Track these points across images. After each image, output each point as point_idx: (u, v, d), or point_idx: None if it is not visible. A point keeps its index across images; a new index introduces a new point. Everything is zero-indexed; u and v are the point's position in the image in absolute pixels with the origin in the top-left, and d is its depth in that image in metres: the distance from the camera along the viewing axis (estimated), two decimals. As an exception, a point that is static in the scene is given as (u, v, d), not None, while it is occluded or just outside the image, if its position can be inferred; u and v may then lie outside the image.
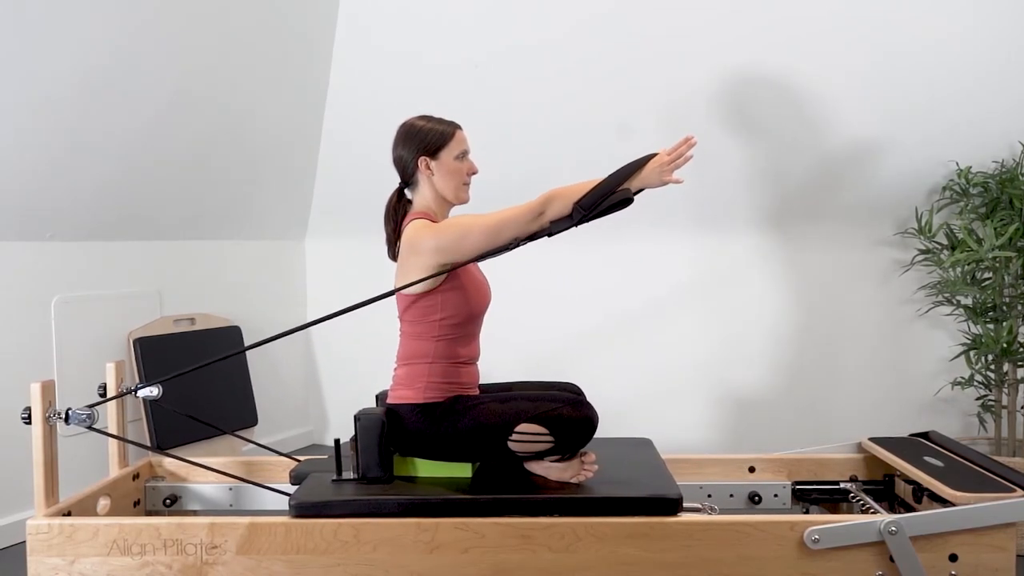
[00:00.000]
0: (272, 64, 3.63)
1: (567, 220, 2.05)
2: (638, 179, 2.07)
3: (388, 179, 2.34)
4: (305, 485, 2.13)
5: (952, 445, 2.41)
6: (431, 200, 2.20)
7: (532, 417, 2.05)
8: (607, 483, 2.09)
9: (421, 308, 2.12)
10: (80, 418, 2.03)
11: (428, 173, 2.17)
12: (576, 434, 2.06)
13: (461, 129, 2.21)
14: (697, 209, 3.67)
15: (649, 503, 1.98)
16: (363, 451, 2.11)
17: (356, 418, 2.11)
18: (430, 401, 2.11)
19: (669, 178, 2.07)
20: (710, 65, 3.38)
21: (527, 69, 3.60)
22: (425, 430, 2.10)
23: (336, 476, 2.16)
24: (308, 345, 4.41)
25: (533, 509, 1.99)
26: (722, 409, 3.70)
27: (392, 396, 2.17)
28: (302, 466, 2.35)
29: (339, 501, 2.00)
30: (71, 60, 2.85)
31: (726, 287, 3.69)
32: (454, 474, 2.15)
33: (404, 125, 2.22)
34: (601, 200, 2.02)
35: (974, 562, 1.92)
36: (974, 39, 3.07)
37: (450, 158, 2.17)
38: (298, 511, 1.99)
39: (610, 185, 2.03)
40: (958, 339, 3.38)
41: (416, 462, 2.18)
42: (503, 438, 2.06)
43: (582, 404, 2.08)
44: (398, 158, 2.21)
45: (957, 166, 3.24)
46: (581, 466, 2.11)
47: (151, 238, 3.53)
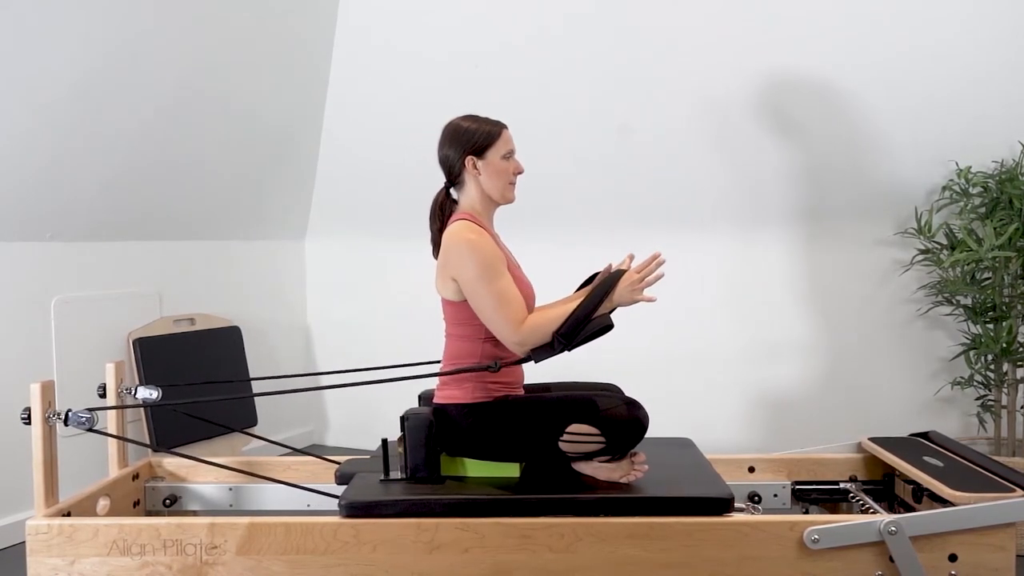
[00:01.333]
0: (272, 64, 3.63)
1: (548, 349, 2.07)
2: (611, 301, 2.07)
3: (388, 179, 2.34)
4: (353, 485, 2.12)
5: (952, 445, 2.41)
6: (477, 200, 2.19)
7: (584, 417, 2.05)
8: (656, 483, 2.08)
9: (467, 311, 2.12)
10: (79, 420, 2.03)
11: (475, 173, 2.17)
12: (627, 434, 2.05)
13: (507, 128, 2.21)
14: (697, 209, 3.67)
15: (700, 503, 1.98)
16: (411, 451, 2.11)
17: (404, 418, 2.11)
18: (478, 401, 2.11)
19: (640, 296, 2.08)
20: (711, 65, 3.38)
21: (527, 69, 3.60)
22: (474, 430, 2.09)
23: (384, 476, 2.16)
24: (308, 345, 4.41)
25: (585, 509, 1.99)
26: (722, 409, 3.70)
27: (439, 396, 2.16)
28: (346, 466, 2.34)
29: (389, 501, 2.00)
30: (71, 60, 2.85)
31: (725, 288, 3.69)
32: (501, 474, 2.15)
33: (450, 125, 2.21)
34: (580, 328, 2.04)
35: (974, 562, 1.92)
36: (974, 39, 3.07)
37: (497, 157, 2.17)
38: (348, 511, 1.98)
39: (585, 310, 2.04)
40: (958, 339, 3.38)
41: (464, 462, 2.17)
42: (554, 438, 2.06)
43: (634, 405, 2.08)
44: (444, 158, 2.20)
45: (957, 166, 3.24)
46: (631, 466, 2.11)
47: (151, 238, 3.53)
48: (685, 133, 3.53)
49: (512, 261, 2.20)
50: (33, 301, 3.07)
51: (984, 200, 3.12)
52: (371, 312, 4.30)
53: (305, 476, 2.53)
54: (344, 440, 4.37)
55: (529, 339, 2.05)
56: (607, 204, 3.77)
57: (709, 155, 3.54)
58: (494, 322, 2.05)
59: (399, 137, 3.92)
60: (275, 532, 1.96)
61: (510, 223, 3.43)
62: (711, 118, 3.47)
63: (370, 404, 4.25)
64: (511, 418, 2.08)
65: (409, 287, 4.19)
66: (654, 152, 3.60)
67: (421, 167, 3.98)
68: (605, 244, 3.81)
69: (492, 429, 2.09)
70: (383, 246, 4.25)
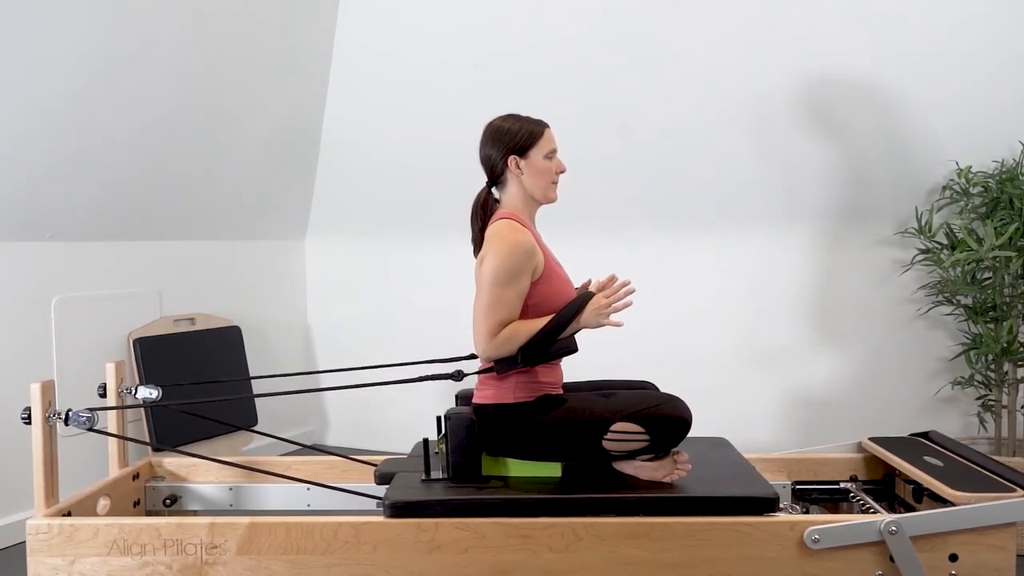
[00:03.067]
0: (272, 65, 3.63)
1: (512, 363, 2.08)
2: (578, 322, 2.09)
3: (388, 179, 2.34)
4: (395, 485, 2.11)
5: (952, 445, 2.41)
6: (519, 199, 2.19)
7: (628, 415, 2.04)
8: (699, 483, 2.07)
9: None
10: (80, 420, 2.03)
11: (518, 172, 2.16)
12: (671, 433, 2.05)
13: (549, 128, 2.20)
14: (695, 209, 3.67)
15: (745, 503, 1.97)
16: (453, 451, 2.10)
17: (446, 417, 2.11)
18: (520, 400, 2.10)
19: (607, 321, 2.08)
20: (711, 66, 3.38)
21: (526, 69, 3.60)
22: (516, 429, 2.09)
23: (425, 476, 2.15)
24: (308, 345, 4.41)
25: (630, 508, 1.98)
26: (722, 409, 3.70)
27: (479, 396, 2.15)
28: (384, 466, 2.33)
29: (433, 501, 1.99)
30: (71, 60, 2.85)
31: (725, 287, 3.69)
32: (542, 473, 2.14)
33: (492, 125, 2.19)
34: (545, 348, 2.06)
35: (974, 562, 1.92)
36: (974, 39, 3.07)
37: (539, 157, 2.16)
38: (392, 511, 1.98)
39: (552, 330, 2.06)
40: (958, 339, 3.38)
41: (505, 461, 2.16)
42: (597, 436, 2.05)
43: (677, 402, 2.07)
44: (486, 157, 2.19)
45: (957, 166, 3.24)
46: (674, 465, 2.10)
47: (151, 238, 3.53)
48: (687, 134, 3.53)
49: (553, 259, 2.19)
50: (33, 301, 3.07)
51: (984, 200, 3.12)
52: (371, 312, 4.30)
53: (305, 476, 2.53)
54: (344, 440, 4.37)
55: (496, 352, 2.06)
56: (610, 205, 3.77)
57: (710, 156, 3.54)
58: (477, 322, 2.06)
59: (399, 137, 3.92)
60: (275, 532, 1.96)
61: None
62: (713, 119, 3.47)
63: (370, 404, 4.25)
64: (554, 417, 2.07)
65: (409, 287, 4.19)
66: (656, 153, 3.60)
67: (421, 167, 3.98)
68: (608, 245, 3.81)
69: (534, 428, 2.07)
70: (383, 246, 4.25)
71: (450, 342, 3.86)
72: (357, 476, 2.52)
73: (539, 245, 2.14)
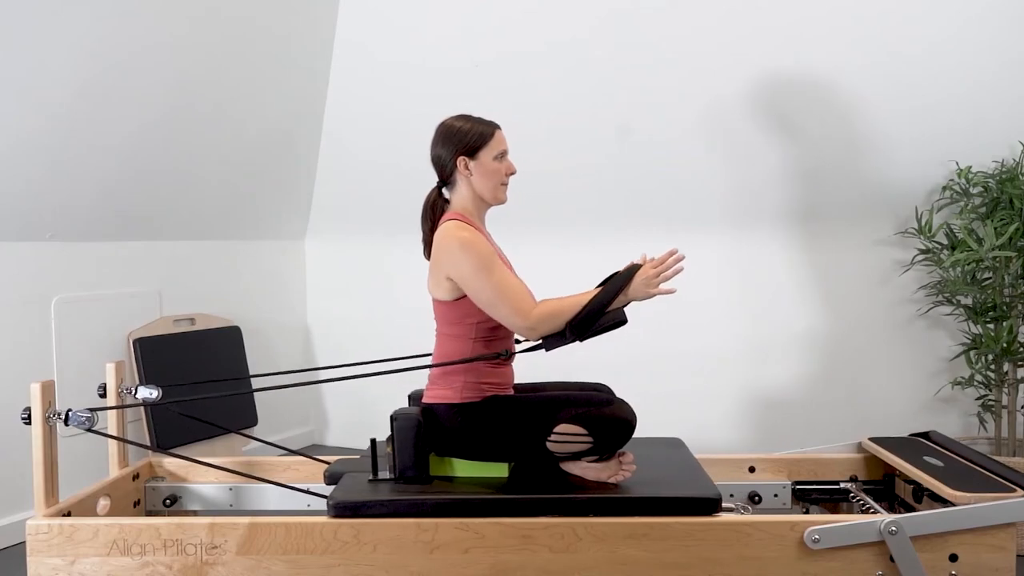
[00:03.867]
0: (272, 65, 3.63)
1: (560, 338, 2.07)
2: (626, 295, 2.07)
3: (388, 179, 2.34)
4: (342, 485, 2.12)
5: (952, 445, 2.41)
6: (469, 200, 2.19)
7: (572, 417, 2.05)
8: (644, 483, 2.09)
9: (458, 310, 2.12)
10: (79, 420, 2.03)
11: (467, 173, 2.16)
12: (615, 434, 2.05)
13: (500, 129, 2.20)
14: (697, 209, 3.67)
15: (688, 503, 1.98)
16: (400, 451, 2.11)
17: (392, 418, 2.11)
18: (467, 401, 2.11)
19: (656, 291, 2.07)
20: (710, 67, 3.38)
21: (526, 70, 3.60)
22: (462, 430, 2.09)
23: (372, 476, 2.15)
24: (308, 345, 4.41)
25: (573, 509, 1.98)
26: (722, 409, 3.70)
27: (428, 396, 2.16)
28: (335, 466, 2.34)
29: (377, 501, 2.00)
30: (73, 61, 2.85)
31: (725, 287, 3.69)
32: (490, 474, 2.15)
33: (443, 125, 2.20)
34: (593, 320, 2.04)
35: (974, 562, 1.92)
36: (974, 39, 3.07)
37: (489, 158, 2.16)
38: (337, 511, 1.98)
39: (601, 302, 2.04)
40: (958, 339, 3.38)
41: (452, 462, 2.17)
42: (542, 438, 2.06)
43: (621, 405, 2.08)
44: (436, 157, 2.20)
45: (957, 166, 3.24)
46: (619, 466, 2.11)
47: (151, 238, 3.53)
48: (684, 134, 3.53)
49: (505, 260, 2.19)
50: (33, 301, 3.07)
51: (984, 200, 3.12)
52: (371, 312, 4.30)
53: (305, 476, 2.53)
54: (344, 440, 4.37)
55: (541, 326, 2.04)
56: (605, 206, 3.77)
57: (709, 156, 3.54)
58: (501, 313, 2.05)
59: (399, 137, 3.91)
60: (275, 532, 1.96)
61: (509, 225, 3.43)
62: (710, 119, 3.47)
63: (370, 404, 4.24)
64: (499, 418, 2.08)
65: (409, 287, 4.19)
66: (654, 153, 3.60)
67: (421, 167, 3.97)
68: (604, 245, 3.80)
69: (480, 429, 2.08)
70: (383, 246, 4.25)
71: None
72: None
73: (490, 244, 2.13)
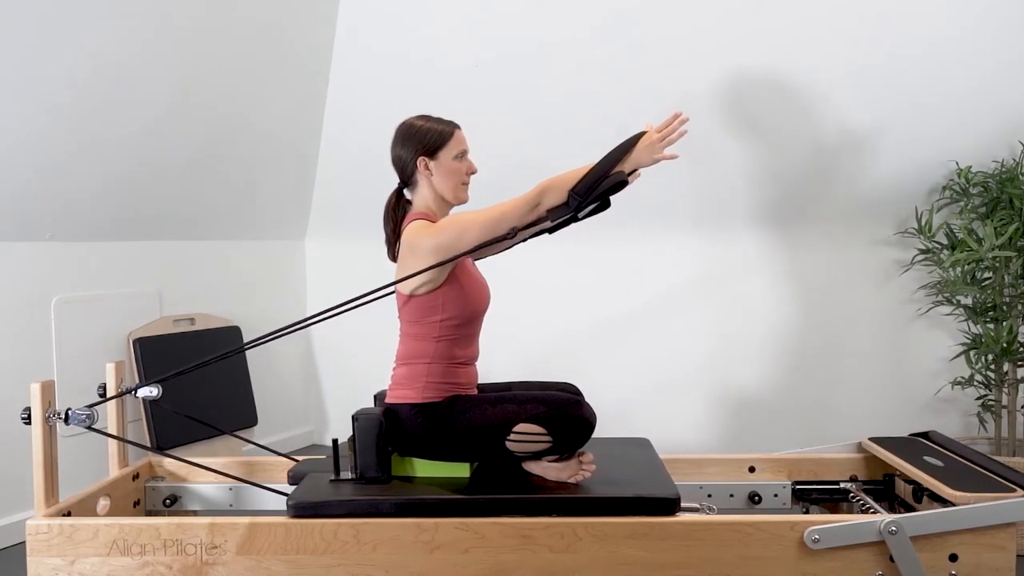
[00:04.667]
0: (272, 64, 3.62)
1: (564, 208, 2.05)
2: (630, 160, 2.06)
3: (388, 179, 2.34)
4: (303, 485, 2.12)
5: (952, 445, 2.41)
6: (430, 200, 2.19)
7: (530, 417, 2.05)
8: (605, 483, 2.09)
9: (421, 309, 2.12)
10: (80, 418, 2.03)
11: (427, 173, 2.17)
12: (574, 434, 2.05)
13: (460, 129, 2.21)
14: (696, 208, 3.67)
15: (647, 503, 1.98)
16: (361, 451, 2.10)
17: (354, 418, 2.11)
18: (429, 401, 2.11)
19: (660, 156, 2.06)
20: (711, 66, 3.37)
21: (526, 70, 3.60)
22: (423, 430, 2.09)
23: (334, 476, 2.16)
24: (308, 345, 4.41)
25: (532, 509, 1.99)
26: (722, 409, 3.70)
27: (391, 396, 2.17)
28: (300, 466, 2.35)
29: (336, 501, 2.00)
30: (71, 61, 2.85)
31: (725, 287, 3.69)
32: (452, 474, 2.15)
33: (403, 125, 2.22)
34: (595, 185, 2.01)
35: (974, 562, 1.92)
36: (974, 39, 3.07)
37: (449, 158, 2.17)
38: (296, 511, 1.99)
39: (603, 168, 2.02)
40: (958, 339, 3.38)
41: (414, 462, 2.18)
42: (501, 438, 2.06)
43: (579, 404, 2.07)
44: (397, 158, 2.21)
45: (957, 166, 3.24)
46: (579, 466, 2.11)
47: (151, 238, 3.53)
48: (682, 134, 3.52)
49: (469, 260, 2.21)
50: (33, 301, 3.07)
51: (984, 200, 3.12)
52: (371, 312, 4.29)
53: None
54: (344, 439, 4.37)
55: (545, 198, 2.03)
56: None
57: (708, 156, 3.54)
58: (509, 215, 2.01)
59: (399, 137, 3.91)
60: (275, 532, 1.96)
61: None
62: (708, 119, 3.47)
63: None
64: (459, 418, 2.08)
65: (409, 287, 4.18)
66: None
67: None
68: (601, 245, 3.80)
69: (440, 429, 2.08)
70: (383, 246, 4.23)
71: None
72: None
73: None
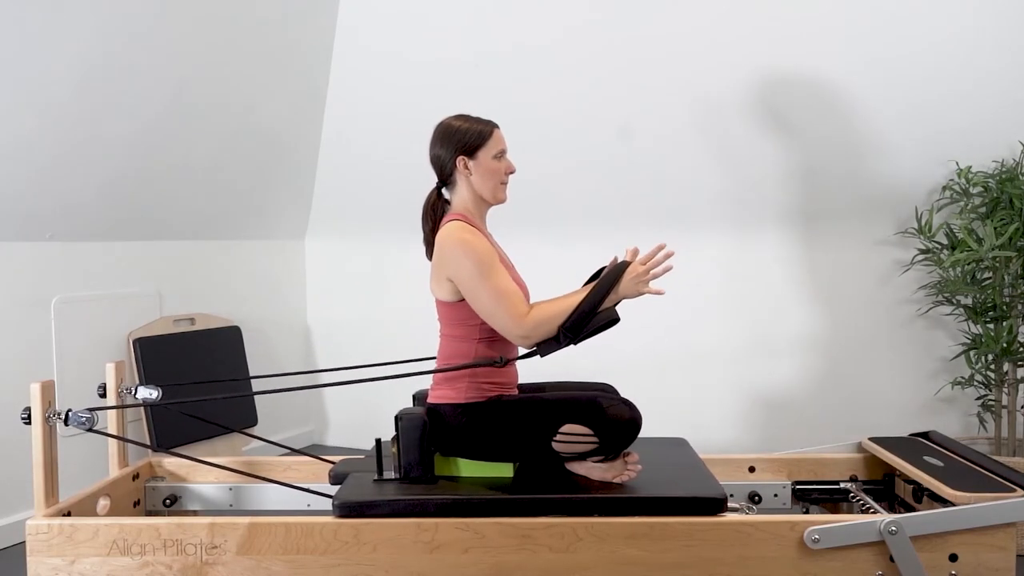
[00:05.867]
0: (272, 64, 3.63)
1: (554, 343, 2.06)
2: (617, 293, 2.06)
3: (388, 179, 2.34)
4: (347, 485, 2.11)
5: (952, 445, 2.41)
6: (469, 200, 2.18)
7: (578, 418, 2.04)
8: (649, 483, 2.08)
9: (461, 312, 2.12)
10: (79, 420, 2.02)
11: (466, 173, 2.16)
12: (620, 435, 2.05)
13: (499, 128, 2.19)
14: (697, 209, 3.67)
15: (693, 503, 1.97)
16: (405, 451, 2.10)
17: (398, 418, 2.11)
18: (472, 401, 2.10)
19: (646, 289, 2.06)
20: (711, 65, 3.38)
21: (526, 70, 3.60)
22: (467, 430, 2.09)
23: (377, 476, 2.15)
24: (308, 345, 4.41)
25: (578, 509, 1.98)
26: (722, 409, 3.70)
27: (433, 396, 2.16)
28: (340, 466, 2.33)
29: (383, 501, 1.99)
30: (72, 61, 2.85)
31: (725, 288, 3.69)
32: (495, 474, 2.15)
33: (441, 124, 2.20)
34: (585, 322, 2.03)
35: (974, 562, 1.92)
36: (974, 39, 3.07)
37: (488, 157, 2.16)
38: (342, 511, 1.98)
39: (591, 303, 2.03)
40: (958, 339, 3.38)
41: (457, 462, 2.17)
42: (547, 438, 2.06)
43: (627, 405, 2.07)
44: (435, 157, 2.19)
45: (957, 166, 3.24)
46: (625, 466, 2.11)
47: (151, 238, 3.53)
48: (684, 134, 3.53)
49: (506, 261, 2.19)
50: (33, 301, 3.07)
51: (984, 200, 3.12)
52: (371, 312, 4.30)
53: (305, 476, 2.53)
54: (344, 440, 4.37)
55: (534, 333, 2.04)
56: (605, 205, 3.77)
57: (709, 156, 3.54)
58: (496, 317, 2.04)
59: (399, 137, 3.91)
60: (275, 532, 1.96)
61: (509, 224, 3.43)
62: (710, 119, 3.47)
63: (370, 404, 4.24)
64: (505, 418, 2.07)
65: (409, 287, 4.19)
66: (654, 153, 3.60)
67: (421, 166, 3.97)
68: (604, 245, 3.80)
69: (486, 429, 2.08)
70: (383, 246, 4.25)
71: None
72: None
73: (491, 244, 2.13)
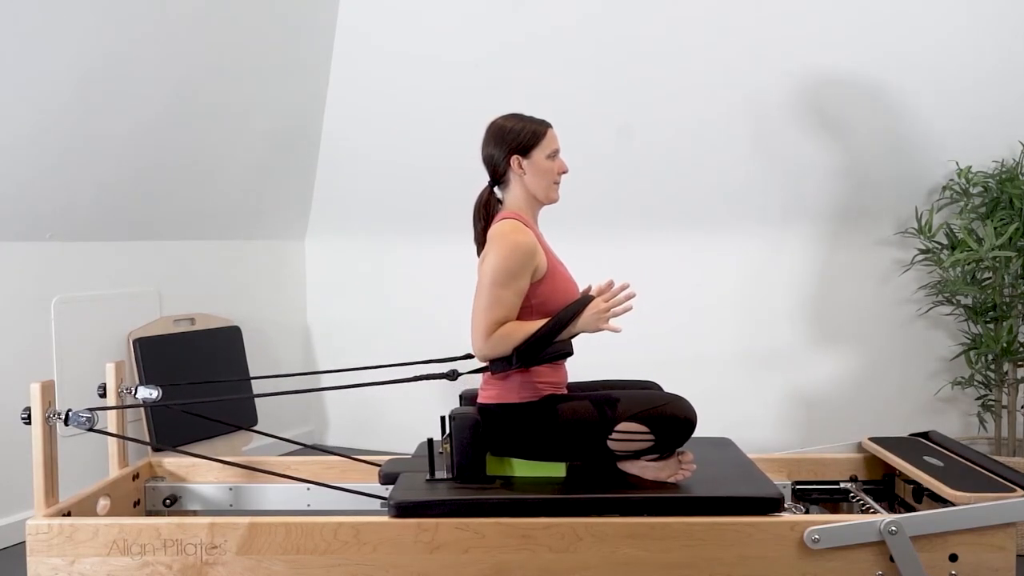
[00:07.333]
0: (272, 64, 3.63)
1: (507, 363, 2.07)
2: (577, 325, 2.07)
3: (388, 179, 2.34)
4: (400, 485, 2.11)
5: (952, 445, 2.41)
6: (522, 199, 2.18)
7: (634, 415, 2.04)
8: (703, 483, 2.07)
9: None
10: (79, 420, 2.02)
11: (520, 172, 2.16)
12: (676, 433, 2.04)
13: (552, 128, 2.19)
14: (695, 209, 3.67)
15: (750, 503, 1.97)
16: (457, 451, 2.10)
17: (450, 418, 2.11)
18: (524, 400, 2.10)
19: (605, 326, 2.06)
20: (711, 65, 3.38)
21: (526, 69, 3.60)
22: (521, 430, 2.08)
23: (430, 476, 2.15)
24: (308, 345, 4.41)
25: (634, 509, 1.98)
26: (722, 409, 3.70)
27: (484, 395, 2.15)
28: (388, 466, 2.34)
29: (438, 501, 1.99)
30: (71, 60, 2.85)
31: (725, 288, 3.69)
32: (547, 473, 2.14)
33: (494, 124, 2.19)
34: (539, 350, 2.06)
35: (974, 562, 1.92)
36: (974, 39, 3.07)
37: (542, 157, 2.16)
38: (398, 511, 1.98)
39: (550, 328, 2.05)
40: (958, 339, 3.38)
41: (510, 462, 2.16)
42: (602, 437, 2.05)
43: (683, 403, 2.07)
44: (488, 157, 2.18)
45: (957, 166, 3.24)
46: (679, 465, 2.10)
47: (151, 238, 3.53)
48: (687, 135, 3.53)
49: (556, 259, 2.19)
50: (33, 301, 3.07)
51: (984, 200, 3.12)
52: (371, 312, 4.30)
53: (306, 476, 2.53)
54: (344, 440, 4.37)
55: (491, 351, 2.06)
56: (611, 205, 3.77)
57: (711, 156, 3.54)
58: (475, 321, 2.06)
59: (399, 137, 3.92)
60: (275, 532, 1.96)
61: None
62: (713, 120, 3.47)
63: (370, 404, 4.25)
64: (558, 417, 2.07)
65: (409, 287, 4.19)
66: (656, 153, 3.60)
67: (421, 166, 3.98)
68: (610, 245, 3.81)
69: (539, 429, 2.07)
70: (383, 246, 4.25)
71: (449, 342, 3.86)
72: (357, 476, 2.52)
73: (542, 245, 2.13)
